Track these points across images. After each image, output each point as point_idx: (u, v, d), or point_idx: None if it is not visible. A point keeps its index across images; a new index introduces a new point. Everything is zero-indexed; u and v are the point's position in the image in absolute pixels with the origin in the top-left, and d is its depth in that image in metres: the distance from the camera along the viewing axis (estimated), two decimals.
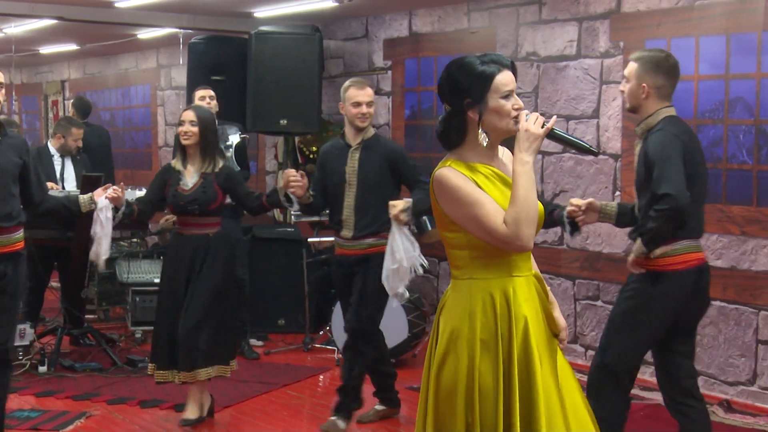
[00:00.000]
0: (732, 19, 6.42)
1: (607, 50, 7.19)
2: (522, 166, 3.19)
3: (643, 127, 4.66)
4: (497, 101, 3.27)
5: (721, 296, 6.52)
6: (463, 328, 3.29)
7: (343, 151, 5.90)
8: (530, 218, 3.17)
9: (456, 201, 3.25)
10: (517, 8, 7.86)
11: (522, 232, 3.15)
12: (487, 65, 3.28)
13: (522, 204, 3.16)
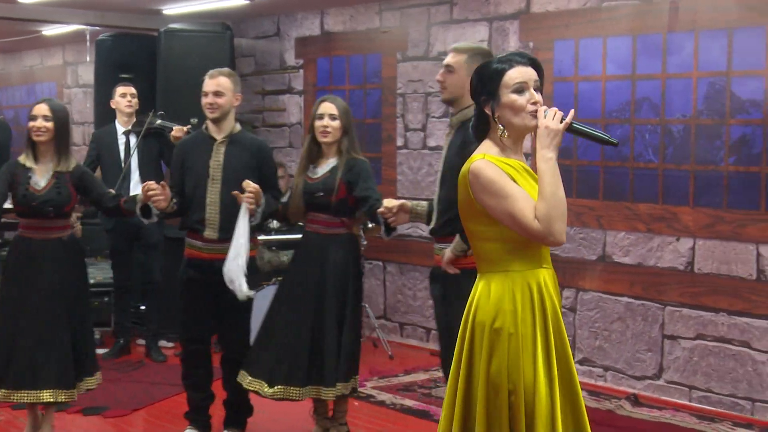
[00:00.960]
0: (638, 20, 6.54)
1: (516, 50, 7.26)
2: (545, 163, 3.21)
3: (459, 117, 4.68)
4: (508, 96, 3.30)
5: (628, 292, 6.65)
6: (504, 321, 3.29)
7: (206, 144, 5.48)
8: (560, 213, 3.19)
9: (492, 193, 3.25)
10: (429, 8, 7.91)
11: (554, 228, 3.18)
12: (500, 63, 3.35)
13: (550, 200, 3.18)
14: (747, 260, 6.06)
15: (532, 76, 3.33)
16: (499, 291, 3.32)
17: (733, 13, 6.08)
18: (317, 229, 5.39)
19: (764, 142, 5.96)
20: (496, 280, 3.34)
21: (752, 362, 6.09)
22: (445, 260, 4.60)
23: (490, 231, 3.33)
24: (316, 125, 5.32)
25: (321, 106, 5.34)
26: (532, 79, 3.32)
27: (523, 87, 3.30)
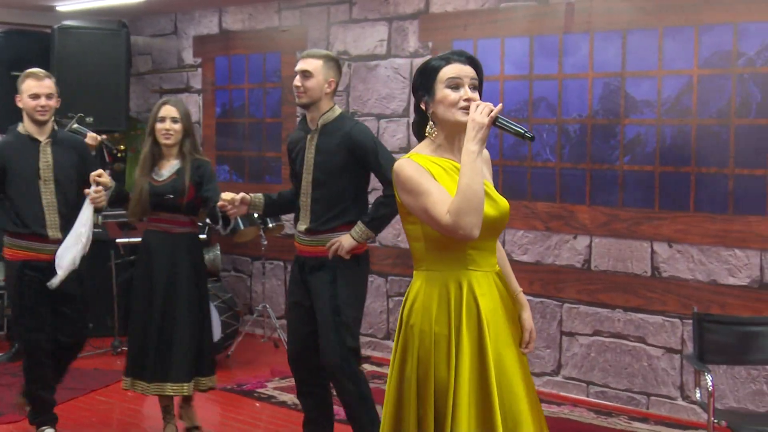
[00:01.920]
0: (535, 21, 6.63)
1: (416, 50, 7.31)
2: (467, 156, 3.18)
3: (321, 121, 4.91)
4: (442, 91, 3.32)
5: (527, 290, 6.70)
6: (420, 320, 3.31)
7: (29, 145, 5.44)
8: (473, 207, 3.14)
9: (409, 191, 3.27)
10: (328, 7, 7.90)
11: (463, 221, 3.13)
12: (438, 60, 3.37)
13: (464, 193, 3.15)
14: (642, 257, 6.19)
15: (468, 73, 3.34)
16: (419, 289, 3.35)
17: (627, 16, 6.20)
18: (167, 229, 5.47)
19: (657, 142, 6.09)
20: (420, 278, 3.38)
21: (647, 357, 6.22)
22: (347, 247, 4.84)
23: (415, 230, 3.36)
24: (157, 128, 5.40)
25: (162, 109, 5.41)
26: (468, 76, 3.33)
27: (458, 83, 3.31)
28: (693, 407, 6.02)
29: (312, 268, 4.96)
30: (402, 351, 3.37)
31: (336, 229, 4.90)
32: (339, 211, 4.90)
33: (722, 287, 5.89)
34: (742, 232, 5.76)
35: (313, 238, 4.93)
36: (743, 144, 5.75)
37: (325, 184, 4.89)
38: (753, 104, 5.72)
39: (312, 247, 4.94)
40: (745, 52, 5.75)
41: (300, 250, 5.02)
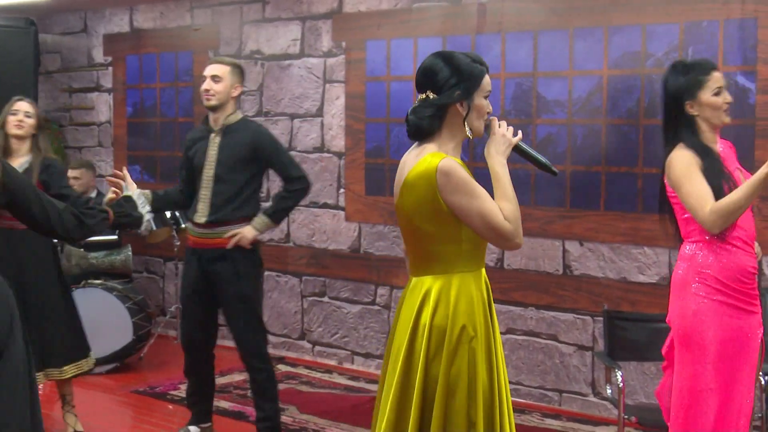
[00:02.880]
0: (448, 22, 6.66)
1: (329, 50, 7.30)
2: (503, 168, 3.34)
3: (225, 122, 5.31)
4: (481, 100, 3.35)
5: None
6: (459, 322, 3.29)
7: None
8: (519, 216, 3.29)
9: (464, 193, 3.23)
10: (241, 6, 7.84)
11: (520, 230, 3.27)
12: (479, 64, 3.36)
13: (515, 202, 3.29)
14: (554, 256, 6.26)
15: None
16: (459, 293, 3.32)
17: (538, 17, 6.26)
18: (13, 226, 5.27)
19: (569, 141, 6.17)
20: (455, 282, 3.33)
21: (560, 355, 6.29)
22: (249, 238, 5.22)
23: (451, 231, 3.30)
24: (9, 119, 5.45)
25: (15, 104, 5.51)
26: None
27: (489, 95, 3.39)
28: (604, 403, 6.10)
29: (211, 260, 5.27)
30: (448, 355, 3.28)
31: (235, 221, 5.24)
32: (238, 204, 5.25)
33: (632, 285, 5.98)
34: (651, 230, 5.86)
35: (213, 230, 5.26)
36: (652, 143, 5.84)
37: (226, 179, 5.24)
38: (661, 104, 5.81)
39: (210, 239, 5.27)
40: (653, 53, 5.84)
41: (196, 242, 5.34)
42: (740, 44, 5.54)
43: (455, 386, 3.28)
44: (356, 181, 7.15)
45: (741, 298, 4.06)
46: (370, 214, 7.08)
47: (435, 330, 3.30)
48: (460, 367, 3.27)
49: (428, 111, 3.34)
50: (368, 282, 7.18)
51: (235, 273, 5.25)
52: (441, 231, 3.31)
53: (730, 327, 4.07)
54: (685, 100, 4.11)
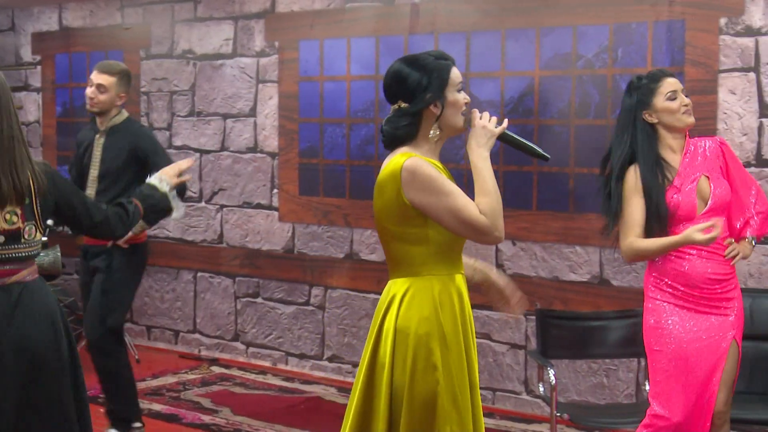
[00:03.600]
0: (381, 22, 6.67)
1: (262, 49, 7.27)
2: (484, 161, 3.21)
3: (109, 124, 5.49)
4: (454, 94, 3.26)
5: (375, 289, 6.77)
6: (431, 328, 3.21)
7: None
8: (501, 209, 3.17)
9: (432, 191, 3.16)
10: (173, 5, 7.77)
11: (499, 223, 3.15)
12: (440, 60, 3.28)
13: (495, 195, 3.16)
14: (486, 255, 6.30)
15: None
16: (426, 296, 3.24)
17: (471, 18, 6.30)
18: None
19: (499, 142, 6.19)
20: (418, 284, 3.25)
21: (493, 353, 6.33)
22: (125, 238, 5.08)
23: (419, 233, 3.23)
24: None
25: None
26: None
27: (462, 87, 3.30)
28: (537, 401, 6.16)
29: (93, 255, 5.47)
30: (412, 363, 3.20)
31: None
32: None
33: (564, 283, 6.04)
34: (582, 229, 5.92)
35: None
36: (583, 143, 5.91)
37: (110, 178, 5.43)
38: (592, 105, 5.89)
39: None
40: (584, 55, 5.91)
41: (86, 240, 5.42)
42: (668, 46, 5.63)
43: (419, 397, 3.20)
44: (290, 181, 7.13)
45: (701, 302, 4.16)
46: (304, 215, 7.07)
47: (398, 335, 3.22)
48: (426, 376, 3.19)
49: (404, 121, 3.28)
50: (302, 282, 7.17)
51: (108, 266, 5.40)
52: (407, 232, 3.25)
53: (686, 330, 4.16)
54: (642, 111, 4.19)
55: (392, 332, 3.22)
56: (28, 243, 3.49)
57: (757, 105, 5.36)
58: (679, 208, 4.13)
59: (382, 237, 3.36)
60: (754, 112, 5.38)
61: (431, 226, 3.21)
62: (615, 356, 5.50)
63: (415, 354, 3.20)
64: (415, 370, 3.19)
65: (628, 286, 5.79)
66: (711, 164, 4.19)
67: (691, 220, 4.12)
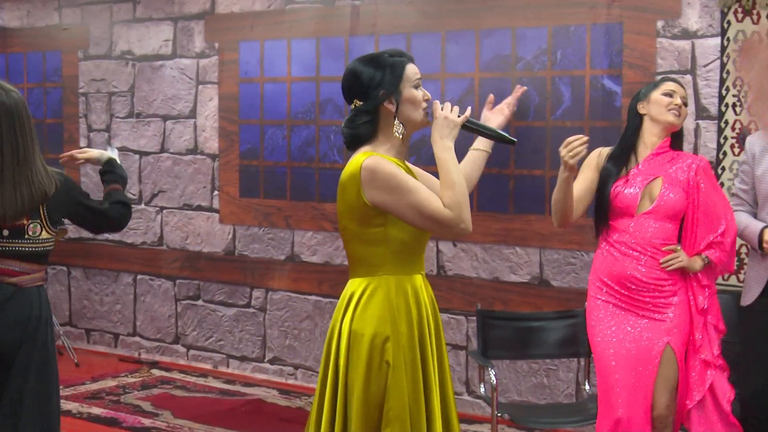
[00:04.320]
0: (321, 23, 6.66)
1: (202, 50, 7.22)
2: (447, 152, 3.19)
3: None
4: (410, 90, 3.25)
5: (316, 291, 6.76)
6: (385, 328, 3.20)
7: None
8: (466, 201, 3.16)
9: (392, 189, 3.14)
10: (111, 6, 7.70)
11: (464, 215, 3.14)
12: (395, 57, 3.27)
13: (459, 187, 3.14)
14: (428, 257, 6.31)
15: (419, 73, 3.33)
16: (382, 296, 3.23)
17: (411, 19, 6.31)
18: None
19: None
20: (375, 284, 3.25)
21: None
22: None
23: (379, 233, 3.22)
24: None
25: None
26: (420, 76, 3.32)
27: (419, 83, 3.28)
28: (478, 401, 6.19)
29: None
30: (366, 364, 3.20)
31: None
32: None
33: (504, 284, 6.08)
34: (522, 230, 5.96)
35: None
36: (523, 145, 5.94)
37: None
38: (531, 107, 5.93)
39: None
40: (523, 57, 5.95)
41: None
42: (606, 48, 5.69)
43: (374, 398, 3.20)
44: (230, 183, 7.09)
45: (631, 303, 4.20)
46: (245, 216, 7.04)
47: (353, 337, 3.23)
48: (378, 379, 3.20)
49: (360, 119, 3.29)
50: (243, 285, 7.14)
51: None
52: (367, 232, 3.24)
53: (618, 329, 4.21)
54: (639, 102, 4.33)
55: (347, 334, 3.24)
56: (32, 239, 3.74)
57: (694, 107, 5.43)
58: (617, 199, 4.20)
59: (343, 237, 3.36)
60: (691, 114, 5.44)
61: (392, 224, 3.21)
62: (555, 356, 5.54)
63: (370, 355, 3.20)
64: (370, 372, 3.20)
65: (568, 287, 5.84)
66: (677, 173, 4.23)
67: (630, 215, 4.19)
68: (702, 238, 4.22)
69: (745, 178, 4.53)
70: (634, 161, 4.28)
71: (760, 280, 4.41)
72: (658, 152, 4.27)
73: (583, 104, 5.75)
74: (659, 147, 4.27)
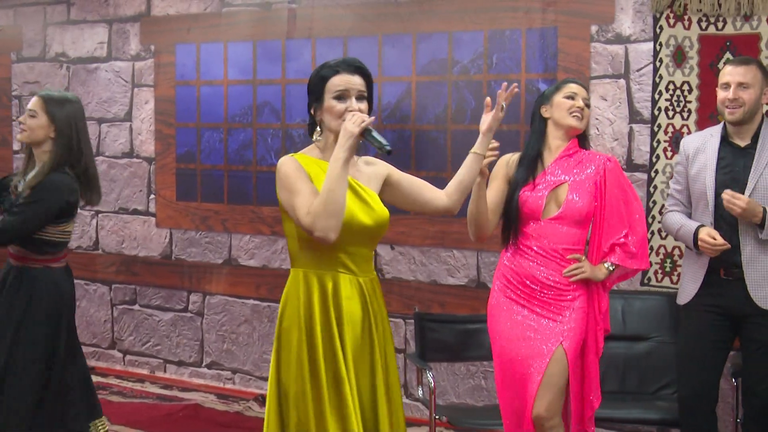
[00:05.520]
0: (258, 26, 6.64)
1: (138, 53, 7.16)
2: (334, 162, 3.27)
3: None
4: (329, 101, 3.41)
5: (254, 294, 6.74)
6: (292, 318, 3.36)
7: None
8: (330, 211, 3.22)
9: (283, 188, 3.36)
10: (45, 7, 7.61)
11: (319, 223, 3.21)
12: (328, 68, 3.44)
13: (324, 196, 3.23)
14: None
15: (355, 84, 3.43)
16: (292, 288, 3.41)
17: (348, 22, 6.32)
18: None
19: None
20: (293, 276, 3.43)
21: None
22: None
23: (290, 227, 3.43)
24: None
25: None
26: (355, 87, 3.42)
27: (344, 94, 3.40)
28: (416, 404, 6.21)
29: None
30: (277, 354, 3.42)
31: None
32: None
33: (442, 287, 6.11)
34: (459, 233, 5.99)
35: None
36: (459, 148, 5.97)
37: None
38: (467, 110, 5.97)
39: None
40: (460, 60, 5.98)
41: None
42: (541, 52, 5.74)
43: (281, 392, 3.40)
44: (167, 186, 7.04)
45: (530, 299, 4.24)
46: (182, 220, 6.99)
47: (278, 330, 3.46)
48: (288, 371, 3.38)
49: (308, 121, 3.56)
50: (180, 289, 7.09)
51: None
52: (286, 225, 3.48)
53: (518, 324, 4.25)
54: (542, 105, 4.37)
55: (279, 328, 3.45)
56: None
57: (627, 111, 5.50)
58: (525, 205, 4.24)
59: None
60: (624, 117, 5.52)
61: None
62: None
63: (280, 347, 3.42)
64: (279, 365, 3.41)
65: None
66: (585, 177, 4.25)
67: (536, 220, 4.24)
68: (605, 241, 4.25)
69: (680, 178, 4.60)
70: (541, 167, 4.31)
71: (697, 278, 4.48)
72: (563, 155, 4.30)
73: (518, 108, 5.79)
74: (564, 151, 4.30)
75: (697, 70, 5.30)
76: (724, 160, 4.46)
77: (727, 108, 4.42)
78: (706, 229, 4.39)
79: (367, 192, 3.48)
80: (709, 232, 4.36)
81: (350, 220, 3.34)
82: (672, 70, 5.37)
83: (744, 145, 4.47)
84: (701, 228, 4.40)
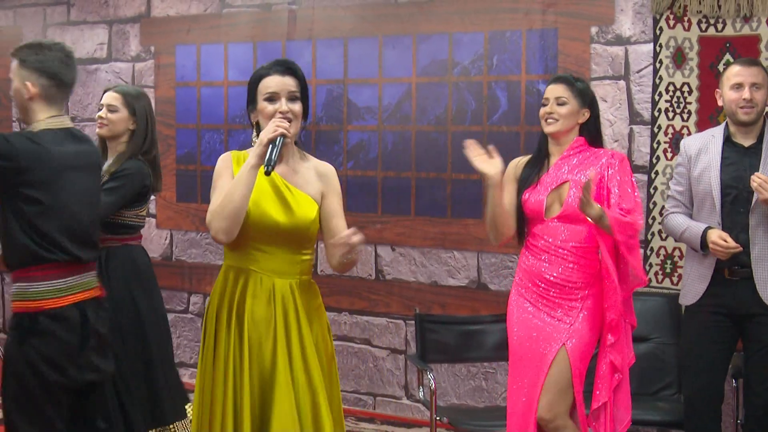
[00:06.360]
0: (258, 27, 6.64)
1: (138, 54, 7.16)
2: (244, 167, 3.32)
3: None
4: (261, 103, 3.43)
5: None
6: (209, 312, 3.47)
7: None
8: (225, 213, 3.26)
9: (213, 181, 3.45)
10: (44, 8, 7.60)
11: (214, 223, 3.30)
12: (261, 70, 3.46)
13: (223, 198, 3.29)
14: (366, 261, 6.32)
15: (287, 85, 3.43)
16: (215, 283, 3.51)
17: (348, 24, 6.31)
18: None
19: (379, 148, 6.24)
20: (220, 270, 3.54)
21: (373, 358, 6.36)
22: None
23: None
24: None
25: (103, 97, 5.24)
26: (286, 89, 3.42)
27: (274, 96, 3.41)
28: (417, 405, 6.20)
29: None
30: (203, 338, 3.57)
31: None
32: None
33: (442, 288, 6.11)
34: (460, 234, 5.99)
35: None
36: (460, 150, 5.93)
37: None
38: (468, 111, 5.97)
39: None
40: (460, 62, 5.98)
41: None
42: (542, 54, 5.74)
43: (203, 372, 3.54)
44: (167, 187, 7.03)
45: (539, 299, 4.26)
46: (182, 221, 6.99)
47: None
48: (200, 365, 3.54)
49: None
50: (181, 290, 7.09)
51: None
52: None
53: (527, 322, 4.26)
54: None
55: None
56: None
57: (627, 112, 5.51)
58: (526, 206, 4.27)
59: None
60: (625, 119, 5.52)
61: None
62: (493, 359, 5.58)
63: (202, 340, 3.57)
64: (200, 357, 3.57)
65: (506, 290, 5.87)
66: (586, 174, 4.21)
67: (540, 220, 4.26)
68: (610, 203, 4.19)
69: (681, 179, 4.59)
70: (547, 167, 4.33)
71: (704, 279, 4.46)
72: (567, 154, 4.31)
73: (519, 109, 5.79)
74: (567, 150, 4.31)
75: (697, 72, 5.30)
76: (729, 160, 4.45)
77: (742, 109, 4.40)
78: (717, 231, 4.36)
79: (293, 193, 3.47)
80: (720, 234, 4.33)
81: (261, 218, 3.37)
82: (672, 71, 5.37)
83: (748, 145, 4.46)
84: (710, 230, 4.37)
